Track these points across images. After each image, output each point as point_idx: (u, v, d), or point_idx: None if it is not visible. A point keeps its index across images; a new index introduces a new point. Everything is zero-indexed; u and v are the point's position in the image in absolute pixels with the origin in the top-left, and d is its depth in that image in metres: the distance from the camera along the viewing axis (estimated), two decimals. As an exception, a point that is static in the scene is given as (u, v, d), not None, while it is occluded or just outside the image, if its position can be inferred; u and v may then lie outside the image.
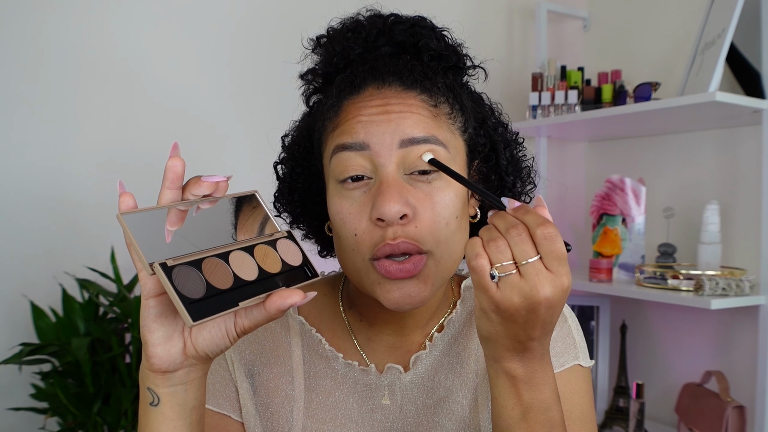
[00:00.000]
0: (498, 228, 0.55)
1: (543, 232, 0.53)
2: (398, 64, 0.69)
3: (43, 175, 1.48)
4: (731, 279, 1.54)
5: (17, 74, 1.45)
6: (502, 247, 0.53)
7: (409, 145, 0.65)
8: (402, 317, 0.75)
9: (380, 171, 0.65)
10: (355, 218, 0.65)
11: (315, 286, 0.81)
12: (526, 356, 0.58)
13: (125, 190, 0.52)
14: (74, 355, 1.24)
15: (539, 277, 0.53)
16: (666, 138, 1.97)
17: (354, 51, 0.71)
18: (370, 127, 0.65)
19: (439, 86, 0.69)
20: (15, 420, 1.40)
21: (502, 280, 0.53)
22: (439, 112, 0.68)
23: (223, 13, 1.70)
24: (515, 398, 0.59)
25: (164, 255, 0.50)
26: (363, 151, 0.65)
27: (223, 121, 1.71)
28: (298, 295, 0.53)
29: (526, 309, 0.54)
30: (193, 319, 0.48)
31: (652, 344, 1.99)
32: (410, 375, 0.74)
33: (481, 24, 2.14)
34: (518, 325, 0.55)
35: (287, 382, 0.74)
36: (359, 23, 0.73)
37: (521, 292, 0.53)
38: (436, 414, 0.74)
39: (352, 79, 0.69)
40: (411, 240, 0.63)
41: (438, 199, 0.65)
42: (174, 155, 0.52)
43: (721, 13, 1.61)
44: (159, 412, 0.55)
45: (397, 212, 0.62)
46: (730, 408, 1.56)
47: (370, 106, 0.66)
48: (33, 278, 1.45)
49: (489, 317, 0.56)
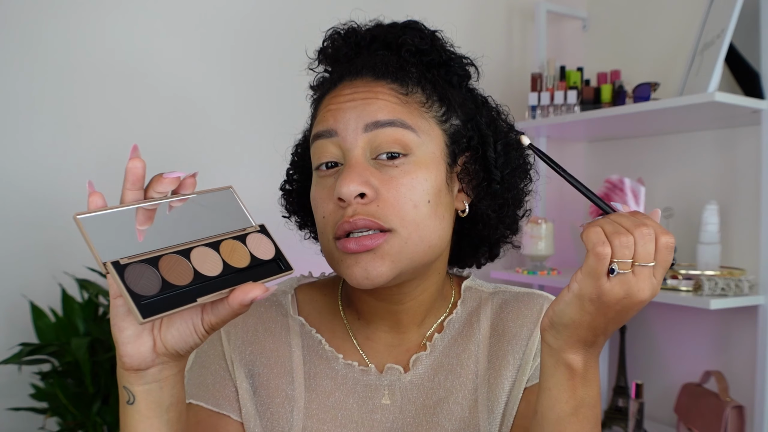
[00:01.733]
0: (624, 225, 0.55)
1: (667, 241, 0.54)
2: (374, 58, 0.72)
3: (43, 175, 1.48)
4: (730, 279, 1.54)
5: (17, 74, 1.45)
6: (629, 243, 0.54)
7: (373, 129, 0.67)
8: (396, 312, 0.75)
9: (347, 155, 0.68)
10: (324, 201, 0.68)
11: (314, 287, 0.82)
12: (590, 351, 0.59)
13: (95, 189, 0.52)
14: (74, 355, 1.25)
15: (648, 280, 0.55)
16: (665, 138, 1.97)
17: (341, 53, 0.74)
18: (337, 114, 0.68)
19: (412, 76, 0.70)
20: (15, 420, 1.40)
21: (618, 275, 0.54)
22: (410, 100, 0.69)
23: (225, 13, 1.70)
24: (570, 391, 0.60)
25: (124, 254, 0.50)
26: (333, 137, 0.68)
27: (224, 122, 1.71)
28: (260, 289, 0.53)
29: (623, 306, 0.55)
30: (143, 317, 0.48)
31: (652, 344, 2.00)
32: (410, 375, 0.75)
33: (480, 24, 2.14)
34: (606, 319, 0.56)
35: (287, 382, 0.75)
36: (352, 29, 0.75)
37: (629, 290, 0.54)
38: (436, 414, 0.74)
39: (332, 76, 0.73)
40: (370, 217, 0.65)
41: (404, 181, 0.67)
42: (134, 156, 0.53)
43: (720, 13, 1.61)
44: (135, 410, 0.55)
45: (353, 191, 0.64)
46: (729, 408, 1.56)
47: (341, 95, 0.70)
48: (33, 278, 1.45)
49: (583, 304, 0.56)
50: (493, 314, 0.79)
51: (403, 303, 0.74)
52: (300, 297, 0.80)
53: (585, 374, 0.60)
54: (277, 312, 0.78)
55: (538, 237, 1.94)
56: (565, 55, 2.20)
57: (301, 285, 0.82)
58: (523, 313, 0.78)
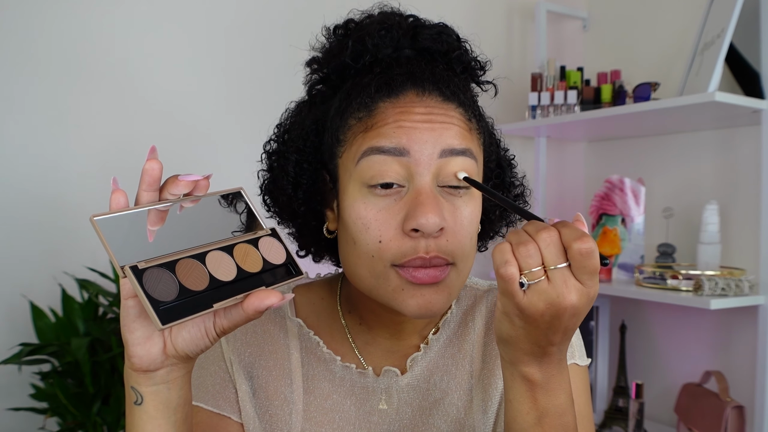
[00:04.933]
0: (528, 232, 0.54)
1: (580, 247, 0.52)
2: (435, 73, 0.68)
3: (43, 175, 1.48)
4: (730, 279, 1.54)
5: (17, 74, 1.45)
6: (532, 251, 0.52)
7: (448, 156, 0.64)
8: (400, 322, 0.74)
9: (416, 180, 0.64)
10: (382, 225, 0.64)
11: (312, 289, 0.81)
12: (544, 361, 0.57)
13: (119, 187, 0.52)
14: (74, 355, 1.25)
15: (567, 284, 0.52)
16: (665, 138, 1.97)
17: (384, 50, 0.69)
18: (412, 134, 0.64)
19: (471, 101, 0.70)
20: (14, 420, 1.40)
21: (531, 286, 0.53)
22: (471, 127, 0.68)
23: (220, 15, 1.70)
24: (531, 402, 0.59)
25: (140, 257, 0.50)
26: (401, 157, 0.63)
27: (220, 123, 1.71)
28: (276, 297, 0.53)
29: (551, 315, 0.53)
30: (163, 323, 0.47)
31: (652, 344, 1.99)
32: (407, 378, 0.74)
33: (480, 24, 2.14)
34: (540, 330, 0.54)
35: (286, 384, 0.74)
36: (392, 21, 0.70)
37: (548, 299, 0.52)
38: (432, 416, 0.74)
39: (389, 80, 0.66)
40: (443, 254, 0.63)
41: (466, 213, 0.66)
42: (151, 158, 0.52)
43: (721, 13, 1.61)
44: (143, 410, 0.55)
45: (435, 225, 0.62)
46: (729, 408, 1.56)
47: (413, 112, 0.65)
48: (33, 278, 1.45)
49: (511, 321, 0.55)
50: (487, 312, 0.79)
51: None
52: (298, 298, 0.80)
53: (546, 385, 0.58)
54: (276, 313, 0.78)
55: (538, 237, 1.93)
56: (565, 55, 2.20)
57: (298, 286, 0.81)
58: None
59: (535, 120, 1.94)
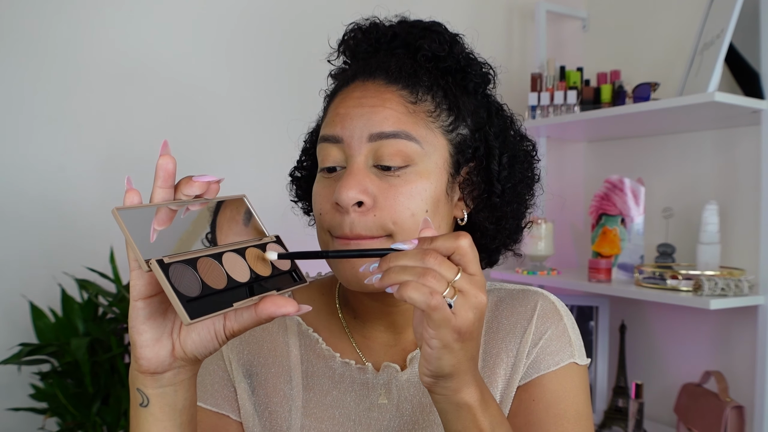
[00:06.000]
0: (414, 264, 0.53)
1: (457, 251, 0.53)
2: (390, 60, 0.71)
3: (43, 175, 1.48)
4: (730, 279, 1.54)
5: (17, 74, 1.45)
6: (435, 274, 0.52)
7: (377, 139, 0.67)
8: (391, 313, 0.75)
9: (349, 161, 0.68)
10: (323, 199, 0.70)
11: (310, 286, 0.82)
12: (477, 373, 0.58)
13: (132, 186, 0.51)
14: (73, 355, 1.25)
15: (473, 285, 0.53)
16: (665, 138, 1.97)
17: (361, 49, 0.74)
18: (345, 121, 0.69)
19: (423, 83, 0.70)
20: (14, 420, 1.40)
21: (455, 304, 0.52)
22: (417, 109, 0.69)
23: (225, 11, 1.70)
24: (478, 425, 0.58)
25: (159, 253, 0.50)
26: (338, 143, 0.69)
27: (225, 121, 1.71)
28: (293, 306, 0.53)
29: (478, 318, 0.54)
30: (191, 317, 0.48)
31: (651, 344, 1.99)
32: (407, 374, 0.75)
33: (480, 24, 2.14)
34: (474, 341, 0.55)
35: (285, 381, 0.75)
36: (374, 25, 0.75)
37: (471, 305, 0.53)
38: (432, 412, 0.74)
39: (347, 72, 0.73)
40: (367, 231, 0.66)
41: (403, 190, 0.67)
42: (164, 153, 0.52)
43: (720, 13, 1.61)
44: (149, 412, 0.55)
45: (351, 198, 0.65)
46: (729, 408, 1.56)
47: (350, 98, 0.70)
48: (32, 278, 1.45)
49: (451, 349, 0.54)
50: (488, 312, 0.79)
51: (397, 305, 0.74)
52: (297, 296, 0.80)
53: (481, 397, 0.58)
54: None
55: (537, 237, 1.94)
56: (564, 55, 2.20)
57: None
58: (517, 310, 0.78)
59: (535, 120, 1.94)
